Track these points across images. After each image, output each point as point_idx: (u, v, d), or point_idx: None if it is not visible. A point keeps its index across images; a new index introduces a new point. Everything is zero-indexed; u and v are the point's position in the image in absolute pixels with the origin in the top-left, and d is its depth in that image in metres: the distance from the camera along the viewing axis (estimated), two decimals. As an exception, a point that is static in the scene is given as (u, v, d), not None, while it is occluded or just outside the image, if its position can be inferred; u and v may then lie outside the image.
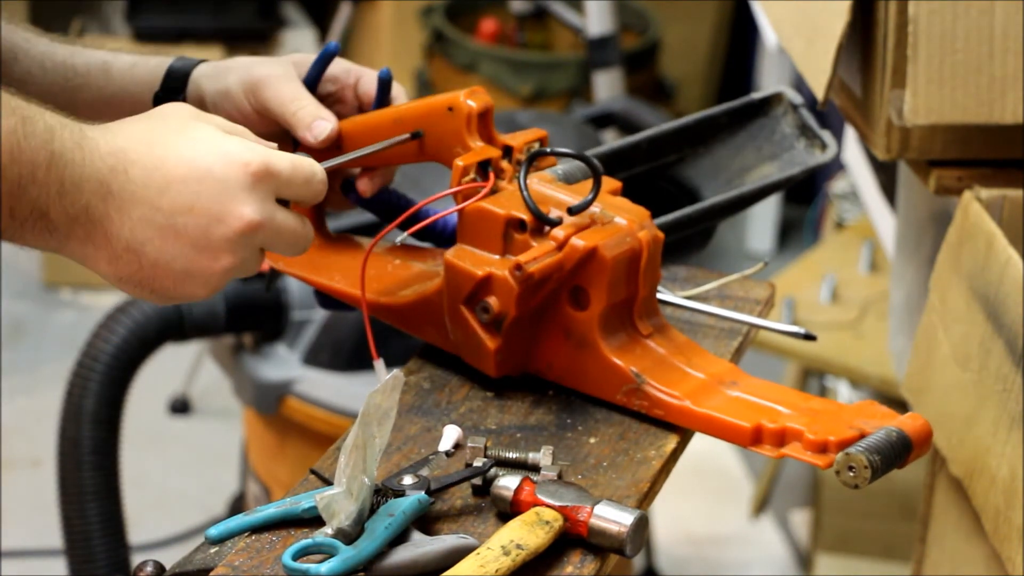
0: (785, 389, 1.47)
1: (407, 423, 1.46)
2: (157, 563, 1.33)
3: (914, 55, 1.83)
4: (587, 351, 1.48)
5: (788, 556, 3.63)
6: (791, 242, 4.87)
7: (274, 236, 1.32)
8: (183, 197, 1.28)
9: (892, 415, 1.42)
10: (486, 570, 1.25)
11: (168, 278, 1.30)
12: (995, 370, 1.72)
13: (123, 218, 1.28)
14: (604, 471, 1.41)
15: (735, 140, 1.79)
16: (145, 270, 1.30)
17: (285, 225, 1.33)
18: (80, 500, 2.70)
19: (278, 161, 1.32)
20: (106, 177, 1.27)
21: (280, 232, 1.33)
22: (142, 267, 1.29)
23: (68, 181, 1.25)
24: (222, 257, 1.30)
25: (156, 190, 1.28)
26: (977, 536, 1.81)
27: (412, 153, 1.55)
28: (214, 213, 1.29)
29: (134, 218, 1.28)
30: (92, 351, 2.69)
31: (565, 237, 1.45)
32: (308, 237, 1.36)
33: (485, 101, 1.52)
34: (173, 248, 1.29)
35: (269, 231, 1.32)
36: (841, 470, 1.34)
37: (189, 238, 1.29)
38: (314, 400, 2.74)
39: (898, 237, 2.33)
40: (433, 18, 4.65)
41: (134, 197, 1.28)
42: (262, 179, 1.30)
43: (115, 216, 1.27)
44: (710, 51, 5.16)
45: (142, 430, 3.73)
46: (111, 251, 1.29)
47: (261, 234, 1.31)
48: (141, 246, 1.28)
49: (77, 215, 1.26)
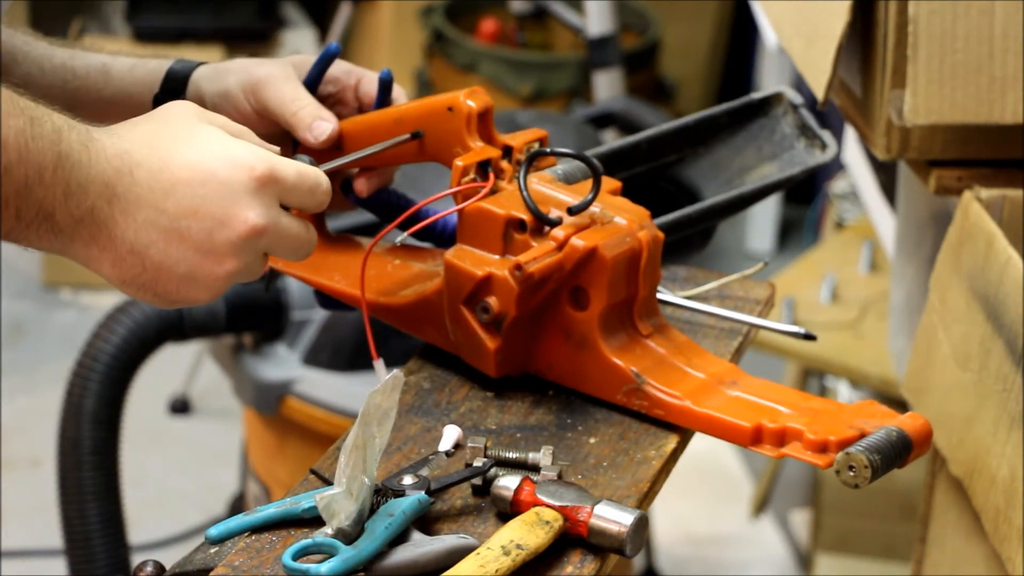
0: (785, 389, 1.47)
1: (407, 423, 1.46)
2: (157, 563, 1.33)
3: (914, 55, 1.83)
4: (587, 351, 1.48)
5: (788, 556, 3.63)
6: (791, 242, 4.87)
7: (278, 241, 1.32)
8: (188, 200, 1.28)
9: (892, 415, 1.42)
10: (486, 570, 1.25)
11: (171, 281, 1.30)
12: (995, 370, 1.72)
13: (128, 220, 1.28)
14: (604, 471, 1.41)
15: (735, 140, 1.79)
16: (148, 273, 1.29)
17: (289, 230, 1.33)
18: (80, 500, 2.70)
19: (284, 167, 1.32)
20: (111, 179, 1.26)
21: (284, 237, 1.33)
22: (145, 270, 1.29)
23: (74, 183, 1.24)
24: (226, 261, 1.30)
25: (161, 193, 1.28)
26: (977, 536, 1.81)
27: (412, 153, 1.56)
28: (218, 217, 1.29)
29: (139, 221, 1.28)
30: (92, 351, 2.69)
31: (565, 237, 1.45)
32: (311, 242, 1.36)
33: (485, 101, 1.52)
34: (177, 251, 1.29)
35: (273, 236, 1.31)
36: (841, 470, 1.34)
37: (193, 242, 1.29)
38: (314, 400, 2.74)
39: (898, 237, 2.33)
40: (433, 18, 4.65)
41: (139, 200, 1.27)
42: (267, 184, 1.30)
43: (120, 219, 1.27)
44: (710, 51, 5.16)
45: (142, 430, 3.73)
46: (115, 254, 1.28)
47: (265, 239, 1.31)
48: (145, 249, 1.28)
49: (82, 217, 1.26)
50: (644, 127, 2.33)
